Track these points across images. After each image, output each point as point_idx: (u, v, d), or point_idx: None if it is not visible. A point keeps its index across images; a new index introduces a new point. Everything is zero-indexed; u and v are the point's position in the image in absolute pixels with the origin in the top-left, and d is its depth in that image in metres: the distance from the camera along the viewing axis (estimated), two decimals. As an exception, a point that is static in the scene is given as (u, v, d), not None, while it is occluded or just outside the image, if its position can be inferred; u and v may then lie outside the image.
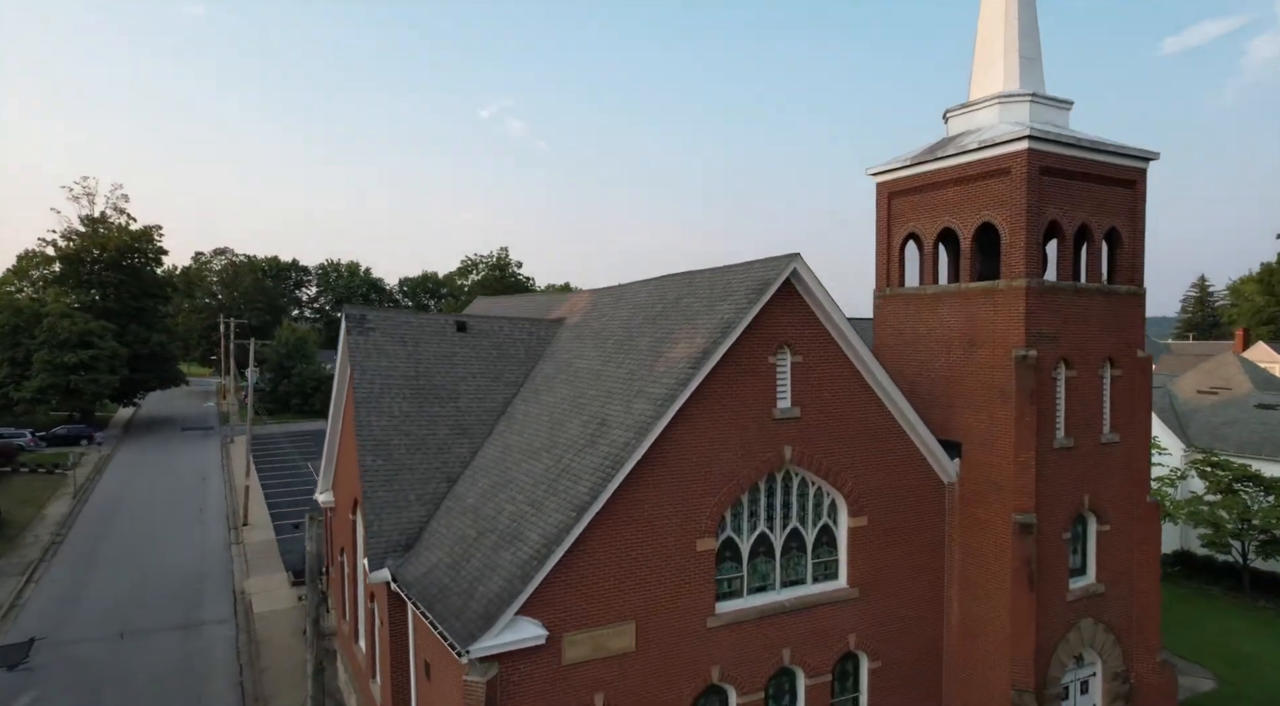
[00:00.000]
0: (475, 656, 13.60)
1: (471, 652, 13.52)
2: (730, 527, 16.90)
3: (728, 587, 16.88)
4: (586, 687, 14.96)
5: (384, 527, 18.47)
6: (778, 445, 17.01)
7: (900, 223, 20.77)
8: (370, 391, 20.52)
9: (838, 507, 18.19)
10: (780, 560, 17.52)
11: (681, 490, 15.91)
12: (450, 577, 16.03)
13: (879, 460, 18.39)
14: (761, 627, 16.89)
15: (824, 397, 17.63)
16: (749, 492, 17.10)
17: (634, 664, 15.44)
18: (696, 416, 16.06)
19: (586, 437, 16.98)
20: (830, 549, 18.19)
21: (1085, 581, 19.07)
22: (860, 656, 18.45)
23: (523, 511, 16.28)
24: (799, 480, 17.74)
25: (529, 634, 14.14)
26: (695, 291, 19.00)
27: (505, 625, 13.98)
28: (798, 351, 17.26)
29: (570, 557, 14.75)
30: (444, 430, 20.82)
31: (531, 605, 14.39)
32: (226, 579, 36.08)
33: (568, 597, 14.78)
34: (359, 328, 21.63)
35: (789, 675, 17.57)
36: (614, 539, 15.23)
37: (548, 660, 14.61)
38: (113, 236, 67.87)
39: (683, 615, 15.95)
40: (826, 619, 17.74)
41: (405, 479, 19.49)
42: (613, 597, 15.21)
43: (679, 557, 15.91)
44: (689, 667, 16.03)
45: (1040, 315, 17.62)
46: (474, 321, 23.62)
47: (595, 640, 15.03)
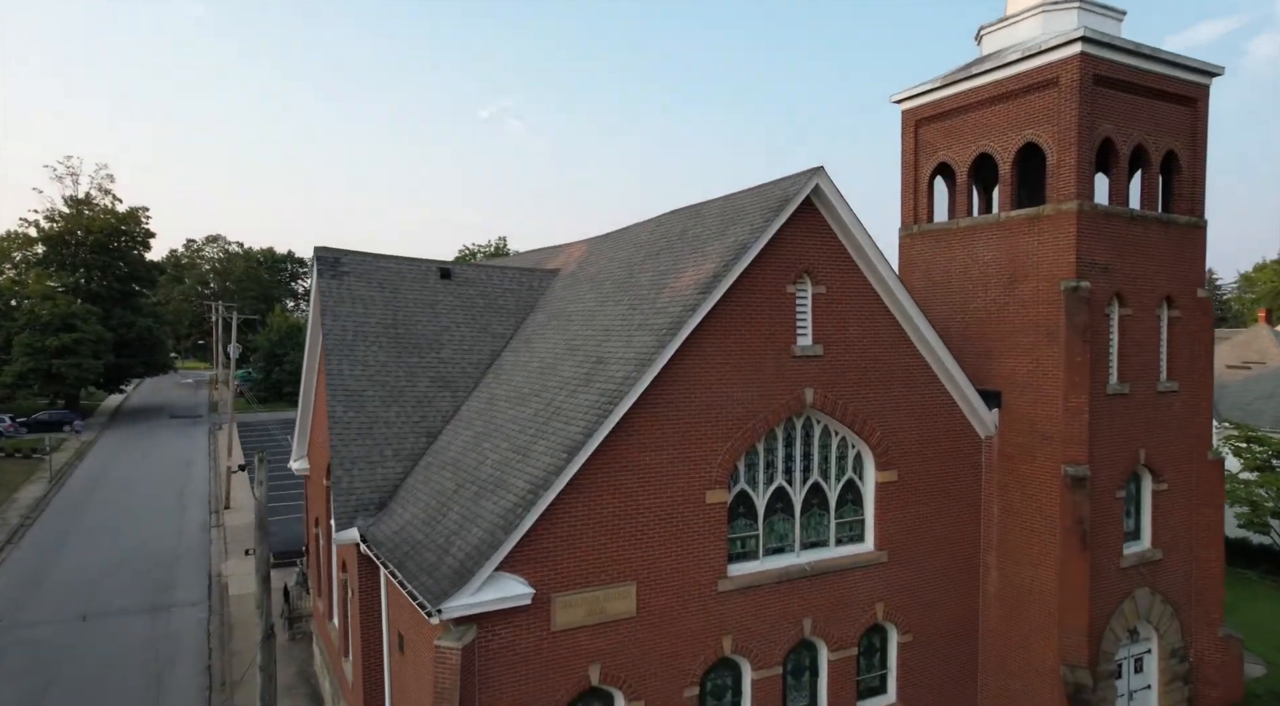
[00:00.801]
0: (448, 617, 11.59)
1: (444, 612, 11.51)
2: (744, 480, 14.89)
3: (741, 548, 14.87)
4: (580, 657, 12.96)
5: (355, 484, 16.47)
6: (798, 387, 15.01)
7: (929, 153, 18.78)
8: (343, 338, 18.53)
9: (864, 461, 16.18)
10: (800, 519, 15.51)
11: (689, 433, 13.90)
12: (425, 533, 14.04)
13: (910, 408, 16.39)
14: (779, 594, 14.88)
15: (849, 335, 15.62)
16: (765, 441, 15.09)
17: (635, 631, 13.44)
18: (706, 350, 14.06)
19: (581, 377, 14.98)
20: (855, 507, 16.18)
21: (1140, 546, 17.05)
22: (888, 629, 16.43)
23: (507, 459, 14.28)
24: (821, 428, 15.73)
25: (512, 592, 12.13)
26: (704, 221, 17.00)
27: (484, 581, 11.97)
28: (820, 280, 15.26)
29: (561, 506, 12.75)
30: (424, 382, 18.83)
31: (516, 560, 12.39)
32: (202, 561, 34.09)
33: (558, 553, 12.77)
34: (332, 270, 19.64)
35: (810, 649, 15.56)
36: (611, 486, 13.23)
37: (535, 625, 12.60)
38: (97, 218, 65.87)
39: (691, 577, 13.95)
40: (851, 586, 15.73)
41: (380, 433, 17.49)
42: (610, 554, 13.20)
43: (686, 511, 13.90)
44: (698, 637, 14.03)
45: (1092, 243, 15.61)
46: (460, 269, 21.63)
47: (591, 603, 13.03)
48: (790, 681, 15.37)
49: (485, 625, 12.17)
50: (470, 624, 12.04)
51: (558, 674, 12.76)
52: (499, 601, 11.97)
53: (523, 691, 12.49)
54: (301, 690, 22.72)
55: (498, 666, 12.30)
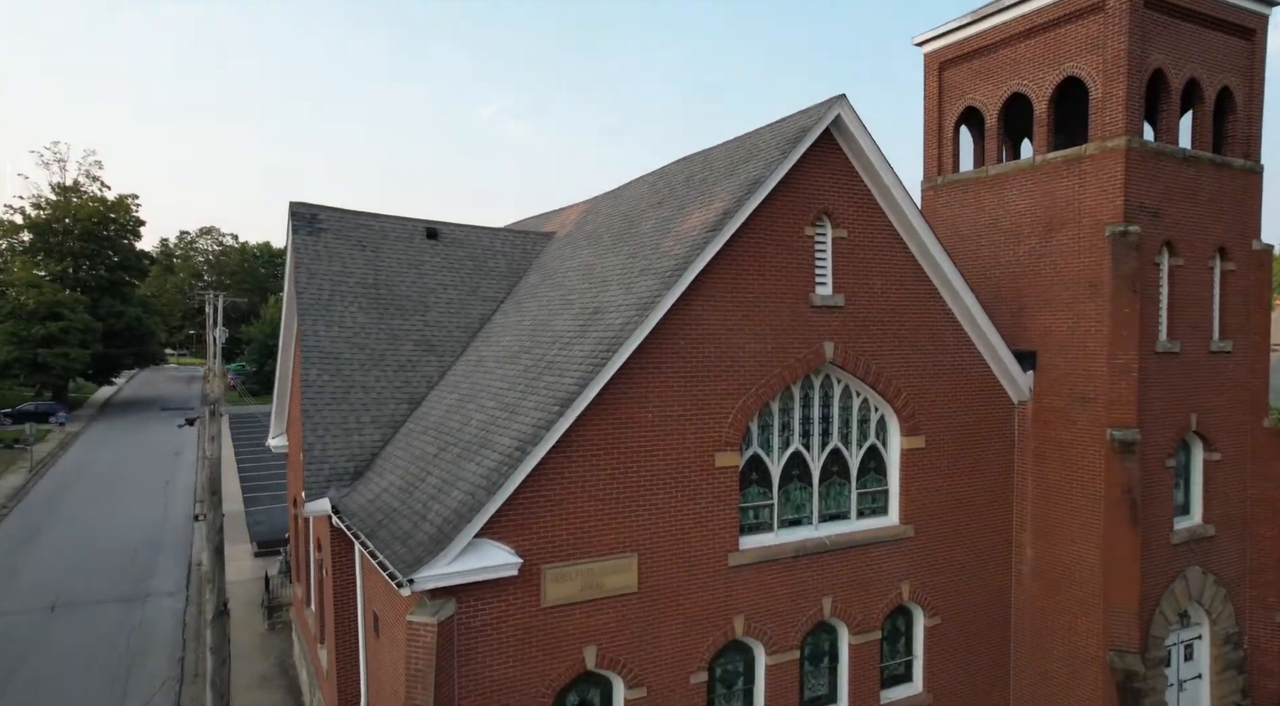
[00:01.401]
0: (422, 588, 10.10)
1: (416, 582, 10.02)
2: (757, 443, 13.41)
3: (754, 518, 13.38)
4: (574, 637, 11.47)
5: (328, 452, 14.99)
6: (817, 340, 13.52)
7: (954, 97, 17.30)
8: (318, 298, 17.05)
9: (888, 426, 14.69)
10: (819, 488, 14.02)
11: (697, 388, 12.42)
12: (401, 500, 12.56)
13: (939, 368, 14.90)
14: (796, 570, 13.39)
15: (873, 285, 14.14)
16: (780, 400, 13.61)
17: (636, 609, 11.95)
18: (716, 296, 12.58)
19: (576, 329, 13.50)
20: (879, 477, 14.68)
21: (1190, 522, 15.55)
22: (914, 611, 14.94)
23: (494, 418, 12.80)
24: (841, 388, 14.24)
25: (496, 561, 10.64)
26: (711, 164, 15.53)
27: (464, 548, 10.48)
28: (841, 223, 13.77)
29: (552, 466, 11.26)
30: (408, 346, 17.35)
31: (501, 526, 10.90)
32: (184, 550, 32.61)
33: (549, 520, 11.29)
34: (308, 226, 18.15)
35: (829, 632, 14.06)
36: (609, 445, 11.74)
37: (523, 600, 11.11)
38: (85, 205, 64.36)
39: (698, 549, 12.46)
40: (875, 563, 14.24)
41: (358, 398, 16.01)
42: (608, 522, 11.72)
43: (693, 474, 12.41)
44: (706, 617, 12.54)
45: (1141, 184, 14.12)
46: (448, 229, 20.14)
47: (586, 576, 11.54)
48: (808, 667, 13.87)
49: (465, 599, 10.68)
50: (448, 598, 10.55)
51: (549, 656, 11.28)
52: (481, 571, 10.47)
53: (509, 675, 11.01)
54: (279, 681, 21.24)
55: (480, 646, 10.81)
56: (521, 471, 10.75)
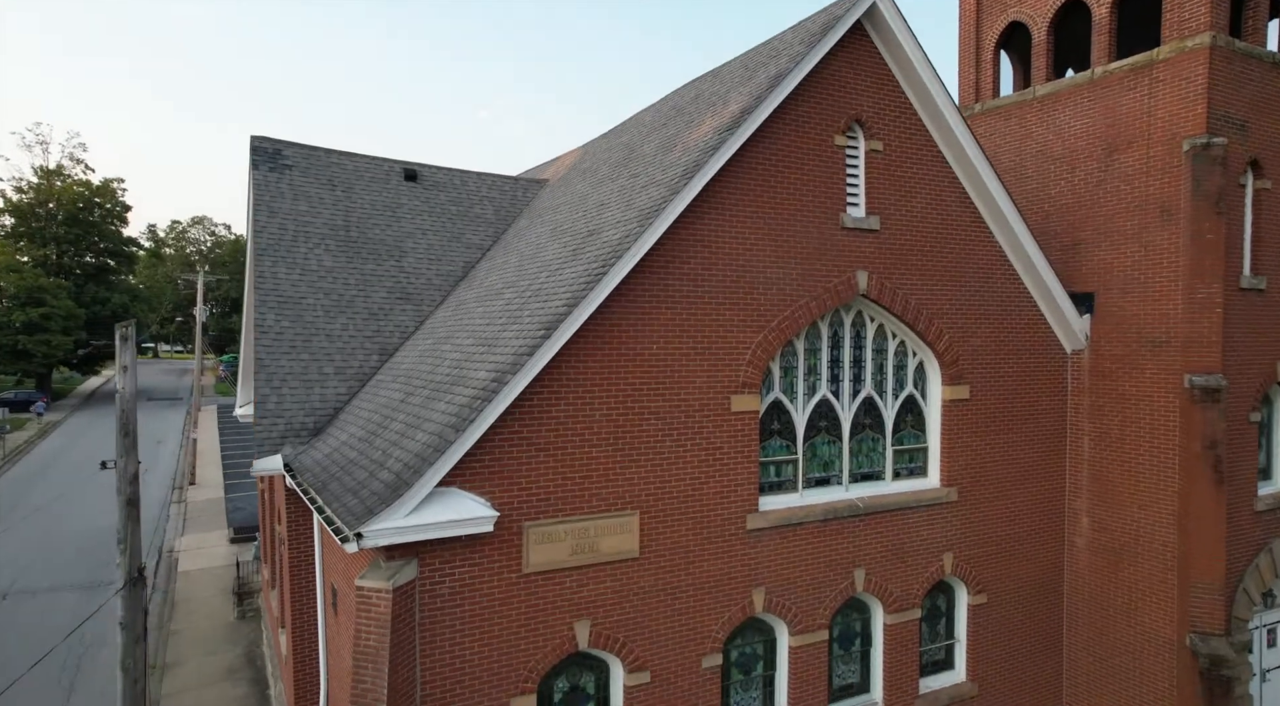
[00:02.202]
0: (373, 543, 8.15)
1: (366, 536, 8.08)
2: (779, 387, 11.46)
3: (776, 476, 11.44)
4: (563, 610, 9.53)
5: (284, 406, 13.07)
6: (848, 267, 11.58)
7: (994, 12, 15.36)
8: (280, 238, 15.13)
9: (928, 373, 12.75)
10: (849, 443, 12.08)
11: (709, 317, 10.48)
12: (360, 450, 10.62)
13: (985, 309, 12.97)
14: (824, 537, 11.45)
15: (913, 208, 12.20)
16: (806, 338, 11.67)
17: (637, 578, 10.00)
18: (731, 209, 10.64)
19: (568, 253, 11.56)
20: (917, 433, 12.74)
21: (1274, 487, 13.59)
22: (957, 587, 13.00)
23: (470, 354, 10.87)
24: (875, 328, 12.30)
25: (466, 513, 8.69)
26: (723, 78, 13.60)
27: (426, 497, 8.54)
28: (875, 134, 11.83)
29: (537, 403, 9.33)
30: (380, 292, 15.42)
31: (474, 473, 8.97)
32: (156, 537, 30.68)
33: (533, 468, 9.35)
34: (270, 162, 16.22)
35: (861, 610, 12.12)
36: (606, 381, 9.80)
37: (500, 563, 9.17)
38: (68, 189, 62.41)
39: (712, 508, 10.52)
40: (914, 530, 12.30)
41: (320, 347, 14.09)
42: (605, 473, 9.78)
43: (706, 420, 10.47)
44: (721, 589, 10.60)
45: (1226, 90, 12.18)
46: (429, 171, 18.20)
47: (577, 537, 9.59)
48: (837, 651, 11.93)
49: (429, 561, 8.74)
50: (408, 559, 8.61)
51: (532, 632, 9.33)
52: (447, 525, 8.53)
53: (483, 655, 9.06)
54: (245, 673, 19.28)
55: (447, 619, 8.87)
56: (498, 405, 8.80)
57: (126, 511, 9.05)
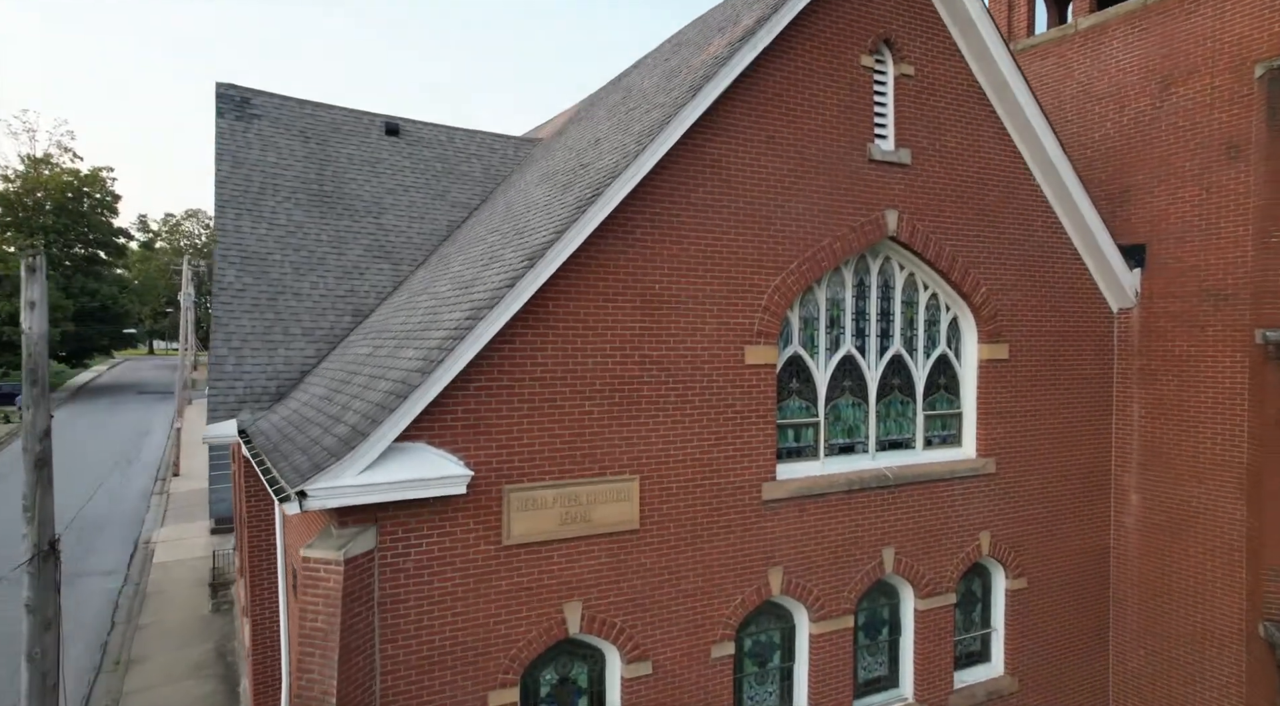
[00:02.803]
0: (321, 504, 6.79)
1: (310, 496, 6.72)
2: (798, 340, 10.10)
3: (795, 441, 10.07)
4: (550, 589, 8.17)
5: (244, 367, 11.72)
6: (876, 205, 10.23)
7: (1031, -56, 14.01)
8: (244, 189, 13.78)
9: (963, 330, 11.39)
10: (876, 405, 10.71)
11: (721, 254, 9.12)
12: (319, 407, 9.26)
13: (1025, 261, 11.61)
14: (849, 511, 10.09)
15: (946, 143, 10.84)
16: (828, 285, 10.31)
17: (636, 553, 8.65)
18: (745, 130, 9.28)
19: (558, 189, 10.21)
20: (950, 396, 11.38)
21: (1345, 457, 12.22)
22: (994, 570, 11.64)
23: (446, 298, 9.51)
24: (905, 277, 10.95)
25: (433, 471, 7.33)
26: (731, 4, 12.24)
27: (386, 450, 7.18)
28: (906, 58, 10.47)
29: (519, 347, 7.97)
30: (356, 250, 14.06)
31: (444, 425, 7.61)
32: (133, 529, 29.36)
33: (515, 422, 7.99)
34: (237, 111, 14.86)
35: (889, 595, 10.76)
36: (601, 324, 8.44)
37: (476, 533, 7.81)
38: (55, 178, 61.05)
39: (723, 475, 9.16)
40: (948, 505, 10.94)
41: (287, 306, 12.74)
42: (599, 431, 8.42)
43: (716, 372, 9.11)
44: (733, 567, 9.24)
45: (1297, 10, 10.83)
46: (412, 127, 16.84)
47: (567, 504, 8.23)
48: (863, 640, 10.57)
49: (390, 529, 7.38)
50: (365, 525, 7.26)
51: (514, 614, 7.97)
52: (411, 484, 7.16)
53: (455, 642, 7.71)
54: (213, 669, 17.90)
55: (412, 598, 7.51)
56: (472, 345, 7.45)
57: (35, 474, 7.71)
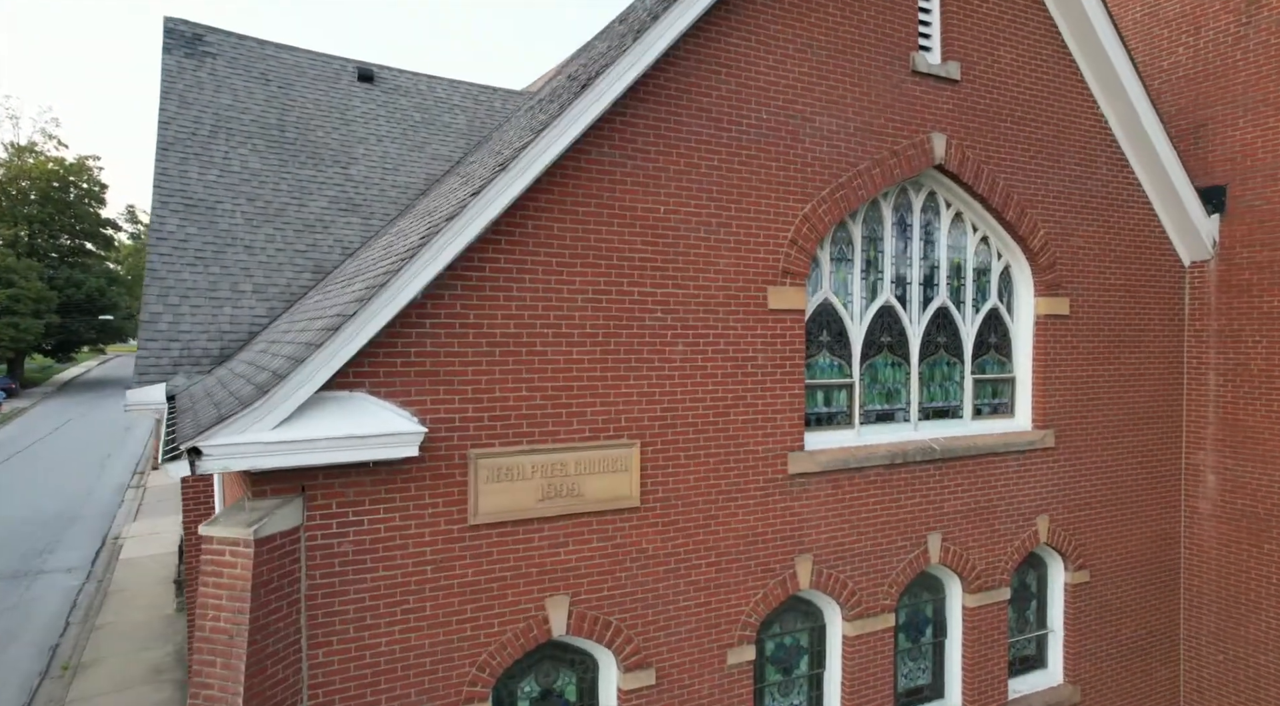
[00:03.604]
0: (220, 464, 5.17)
1: (205, 454, 5.09)
2: (830, 284, 8.48)
3: (825, 404, 8.46)
4: (529, 579, 6.54)
5: (181, 327, 10.11)
6: (921, 126, 8.61)
7: None
8: (193, 131, 12.17)
9: (1017, 281, 9.78)
10: (919, 365, 9.10)
11: (740, 171, 7.50)
12: (251, 360, 7.64)
13: (1087, 202, 10.00)
14: (890, 489, 8.48)
15: (1001, 60, 9.23)
16: (865, 221, 8.70)
17: (636, 536, 7.03)
18: (766, 26, 7.66)
19: (539, 106, 8.59)
20: (1001, 358, 9.76)
21: None
22: (1050, 561, 10.02)
23: (407, 230, 7.88)
24: (951, 216, 9.33)
25: (375, 427, 5.69)
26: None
27: (312, 400, 5.57)
28: (957, -49, 8.87)
29: (488, 275, 6.35)
30: (320, 202, 12.46)
31: (391, 370, 5.99)
32: (102, 524, 27.67)
33: (484, 370, 6.37)
34: (187, 48, 13.25)
35: (932, 589, 9.15)
36: (591, 249, 6.82)
37: (434, 508, 6.18)
38: (40, 165, 59.47)
39: (740, 442, 7.54)
40: (1001, 485, 9.32)
41: (238, 260, 11.13)
42: (589, 385, 6.80)
43: (733, 318, 7.50)
44: (753, 555, 7.62)
45: None
46: (389, 74, 15.24)
47: (550, 474, 6.61)
48: (903, 642, 8.95)
49: (323, 502, 5.76)
50: (287, 497, 5.64)
51: (484, 612, 6.35)
52: (345, 442, 5.54)
53: (407, 648, 6.08)
54: (173, 673, 16.23)
55: (352, 592, 5.89)
56: (427, 265, 5.83)
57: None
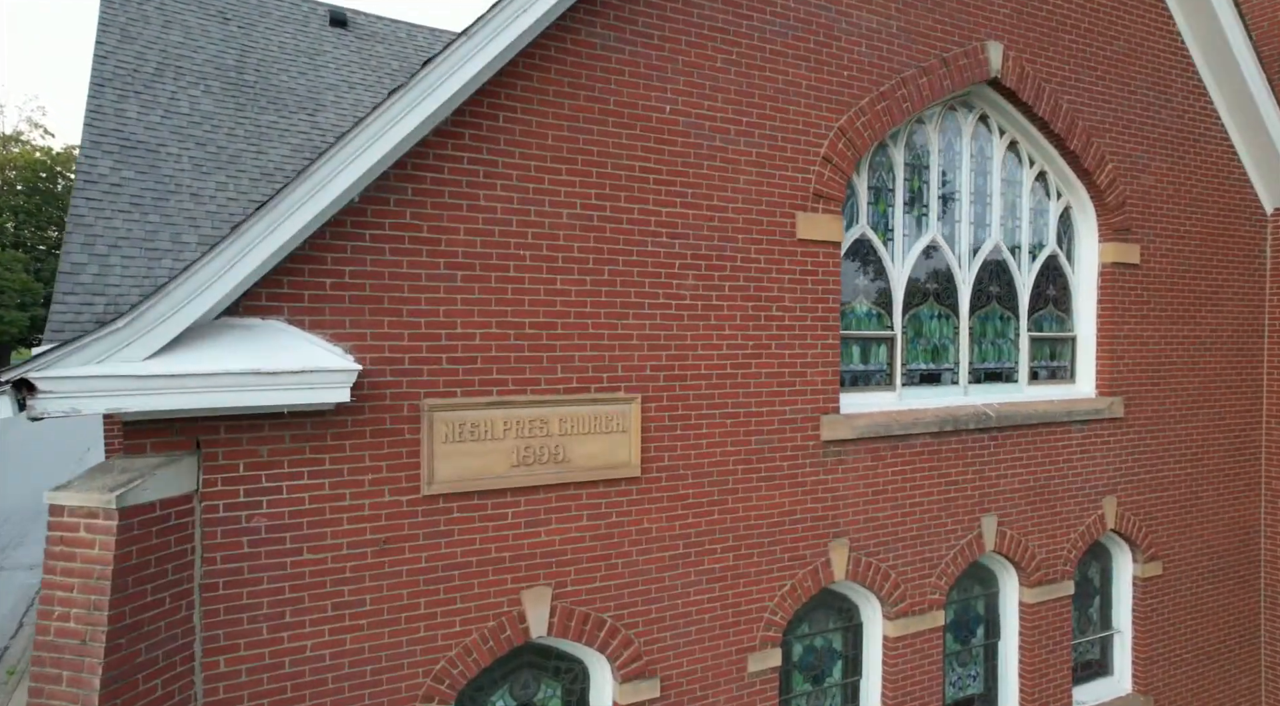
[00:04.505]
0: (65, 403, 3.79)
1: (44, 391, 3.71)
2: (867, 217, 7.09)
3: (860, 361, 7.07)
4: (500, 567, 5.15)
5: (109, 280, 8.74)
6: (974, 32, 7.23)
7: None
8: (135, 68, 10.83)
9: (1077, 225, 8.39)
10: (969, 318, 7.71)
11: (763, 71, 6.11)
12: (162, 303, 6.23)
13: (1160, 135, 8.62)
14: (939, 461, 7.09)
15: (1065, -45, 7.86)
16: (907, 146, 7.31)
17: (637, 513, 5.63)
18: (796, -104, 6.28)
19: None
20: (1060, 313, 8.38)
21: None
22: (1115, 551, 8.63)
23: (355, 145, 6.48)
24: (1006, 144, 7.95)
25: (292, 361, 4.30)
26: None
27: (201, 326, 4.18)
28: None
29: (447, 177, 4.97)
30: (282, 150, 11.09)
31: (317, 293, 4.59)
32: (74, 518, 26.26)
33: (441, 298, 4.97)
34: (135, -20, 11.87)
35: (984, 582, 7.76)
36: (580, 153, 5.44)
37: (376, 474, 4.79)
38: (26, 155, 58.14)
39: (763, 401, 6.15)
40: (1064, 459, 7.94)
41: (183, 208, 9.76)
42: (578, 324, 5.41)
43: (755, 249, 6.11)
44: (778, 539, 6.23)
45: None
46: (364, 19, 13.87)
47: (527, 432, 5.21)
48: (951, 644, 7.56)
49: (225, 463, 4.37)
50: (175, 455, 4.25)
51: (440, 607, 4.96)
52: (250, 379, 4.14)
53: (339, 653, 4.69)
54: (128, 679, 14.93)
55: (266, 583, 4.50)
56: (362, 153, 4.45)
57: None
